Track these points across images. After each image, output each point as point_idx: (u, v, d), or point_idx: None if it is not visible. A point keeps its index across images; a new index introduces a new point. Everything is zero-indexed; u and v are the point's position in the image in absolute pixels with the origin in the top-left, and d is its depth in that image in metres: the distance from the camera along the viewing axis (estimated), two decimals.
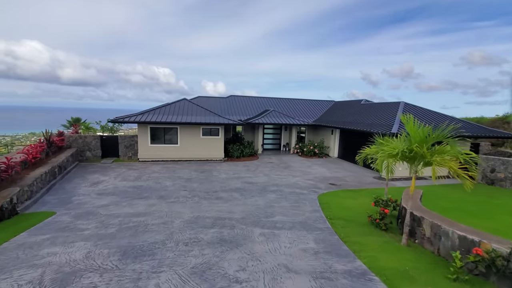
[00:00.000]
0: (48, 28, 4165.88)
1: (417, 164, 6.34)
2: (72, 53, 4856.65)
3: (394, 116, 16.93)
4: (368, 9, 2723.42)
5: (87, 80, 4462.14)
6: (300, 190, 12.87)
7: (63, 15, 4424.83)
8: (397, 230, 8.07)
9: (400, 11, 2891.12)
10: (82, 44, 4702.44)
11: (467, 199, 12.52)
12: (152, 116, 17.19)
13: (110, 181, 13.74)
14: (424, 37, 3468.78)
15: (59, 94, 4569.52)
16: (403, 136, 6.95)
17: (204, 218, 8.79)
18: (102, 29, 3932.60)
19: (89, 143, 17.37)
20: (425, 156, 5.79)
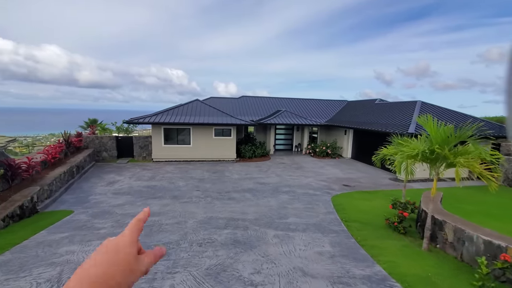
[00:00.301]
0: (66, 32, 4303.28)
1: (439, 166, 6.04)
2: (89, 57, 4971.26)
3: (411, 115, 16.39)
4: (380, 6, 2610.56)
5: (103, 83, 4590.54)
6: (313, 191, 12.64)
7: (80, 20, 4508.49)
8: (416, 234, 7.74)
9: (415, 7, 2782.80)
10: (98, 47, 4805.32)
11: (490, 202, 11.94)
12: (165, 117, 17.37)
13: (125, 181, 13.95)
14: (441, 34, 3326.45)
15: (77, 96, 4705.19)
16: (423, 136, 6.65)
17: (217, 218, 8.74)
18: (118, 33, 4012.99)
19: (105, 144, 17.74)
20: (447, 157, 5.50)
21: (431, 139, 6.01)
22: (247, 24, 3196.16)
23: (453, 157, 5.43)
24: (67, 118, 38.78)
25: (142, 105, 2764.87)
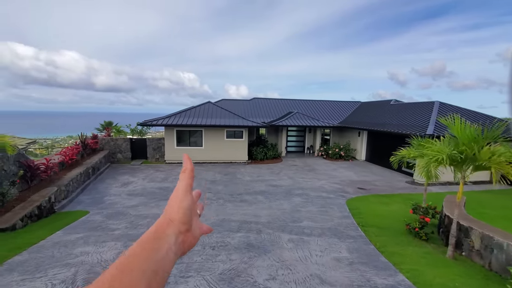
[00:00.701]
0: (84, 38, 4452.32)
1: (466, 169, 5.66)
2: (106, 61, 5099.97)
3: (429, 116, 15.77)
4: (395, 6, 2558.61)
5: (119, 86, 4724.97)
6: (326, 194, 12.30)
7: (98, 26, 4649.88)
8: (439, 240, 7.32)
9: (432, 6, 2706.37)
10: (114, 52, 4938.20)
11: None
12: (178, 119, 17.45)
13: (139, 182, 14.05)
14: (458, 33, 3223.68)
15: (94, 100, 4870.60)
16: (446, 137, 6.26)
17: (229, 221, 8.59)
18: (133, 38, 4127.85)
19: (120, 146, 18.00)
20: (478, 159, 5.12)
21: (458, 141, 5.64)
22: (259, 26, 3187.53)
23: (487, 158, 5.03)
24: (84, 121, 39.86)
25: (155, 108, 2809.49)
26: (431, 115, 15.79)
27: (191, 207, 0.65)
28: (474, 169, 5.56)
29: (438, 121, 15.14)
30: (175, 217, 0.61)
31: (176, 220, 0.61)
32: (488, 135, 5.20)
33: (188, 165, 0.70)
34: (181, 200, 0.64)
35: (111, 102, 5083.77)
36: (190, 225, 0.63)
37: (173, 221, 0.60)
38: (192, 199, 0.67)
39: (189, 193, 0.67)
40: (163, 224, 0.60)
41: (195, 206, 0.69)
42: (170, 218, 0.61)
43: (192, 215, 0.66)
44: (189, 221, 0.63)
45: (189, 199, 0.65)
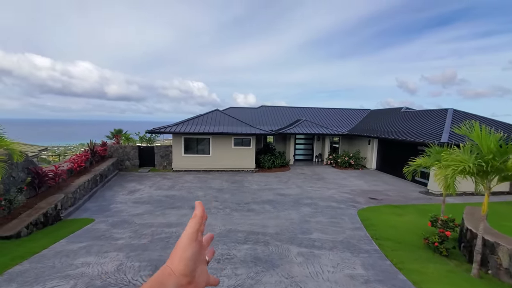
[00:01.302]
0: (97, 49, 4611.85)
1: (491, 179, 5.18)
2: (118, 71, 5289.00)
3: (442, 124, 15.16)
4: (404, 14, 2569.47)
5: (130, 95, 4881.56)
6: (336, 204, 11.80)
7: (110, 37, 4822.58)
8: (461, 256, 6.75)
9: (442, 13, 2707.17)
10: (126, 63, 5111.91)
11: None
12: (185, 127, 17.36)
13: (146, 190, 13.87)
14: (470, 40, 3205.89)
15: (105, 108, 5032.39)
16: (467, 145, 5.80)
17: (236, 231, 8.22)
18: (145, 48, 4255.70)
19: (128, 153, 17.98)
20: (506, 169, 4.66)
21: (481, 149, 5.19)
22: (265, 37, 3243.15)
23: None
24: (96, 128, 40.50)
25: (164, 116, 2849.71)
26: (445, 122, 15.18)
27: (195, 257, 0.61)
28: (501, 180, 5.08)
29: (453, 129, 14.57)
30: (177, 268, 0.59)
31: (177, 271, 0.58)
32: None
33: (199, 211, 0.67)
34: (184, 249, 0.61)
35: (122, 110, 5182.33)
36: (192, 276, 0.60)
37: (175, 272, 0.58)
38: (198, 248, 0.63)
39: (193, 242, 0.63)
40: (164, 274, 0.58)
41: (201, 255, 0.64)
42: (172, 269, 0.59)
43: (197, 265, 0.62)
44: (191, 273, 0.60)
45: (193, 248, 0.62)
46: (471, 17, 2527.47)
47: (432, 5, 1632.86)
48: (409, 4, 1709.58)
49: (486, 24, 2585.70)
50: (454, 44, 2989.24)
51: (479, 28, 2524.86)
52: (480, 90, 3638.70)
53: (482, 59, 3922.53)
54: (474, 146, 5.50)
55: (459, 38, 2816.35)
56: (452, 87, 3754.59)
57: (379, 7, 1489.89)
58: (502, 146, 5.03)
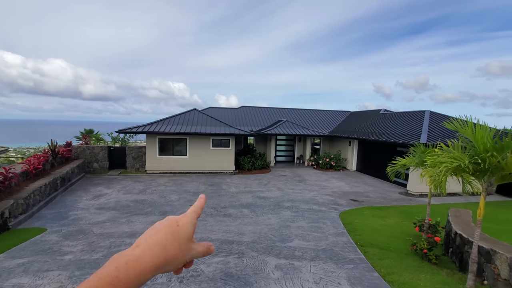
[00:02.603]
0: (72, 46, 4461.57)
1: (488, 180, 4.58)
2: (93, 70, 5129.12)
3: (420, 125, 15.01)
4: (382, 21, 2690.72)
5: (107, 95, 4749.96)
6: (318, 206, 11.08)
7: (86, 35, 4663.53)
8: (451, 262, 6.16)
9: (416, 22, 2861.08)
10: (102, 61, 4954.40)
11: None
12: (160, 127, 16.05)
13: (113, 194, 12.45)
14: (441, 48, 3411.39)
15: (80, 109, 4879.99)
16: (457, 143, 5.20)
17: (208, 240, 7.19)
18: (122, 47, 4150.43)
19: (97, 154, 16.34)
20: (509, 168, 4.05)
21: (475, 146, 4.58)
22: (247, 39, 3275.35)
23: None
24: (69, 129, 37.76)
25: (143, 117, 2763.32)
26: (423, 124, 15.05)
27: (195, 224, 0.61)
28: (499, 180, 4.49)
29: (431, 130, 14.41)
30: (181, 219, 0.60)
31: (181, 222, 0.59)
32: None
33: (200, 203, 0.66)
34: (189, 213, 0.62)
35: (98, 111, 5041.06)
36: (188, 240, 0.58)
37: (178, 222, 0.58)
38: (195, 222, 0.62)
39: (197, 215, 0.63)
40: None
41: None
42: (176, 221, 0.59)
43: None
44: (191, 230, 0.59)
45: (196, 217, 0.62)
46: (442, 27, 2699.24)
47: (407, 14, 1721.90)
48: (386, 13, 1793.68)
49: (457, 34, 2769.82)
50: (427, 52, 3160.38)
51: (450, 37, 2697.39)
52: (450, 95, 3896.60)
53: (452, 66, 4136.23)
54: (468, 143, 4.89)
55: (431, 46, 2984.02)
56: (425, 92, 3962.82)
57: (358, 15, 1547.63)
58: (497, 142, 4.45)
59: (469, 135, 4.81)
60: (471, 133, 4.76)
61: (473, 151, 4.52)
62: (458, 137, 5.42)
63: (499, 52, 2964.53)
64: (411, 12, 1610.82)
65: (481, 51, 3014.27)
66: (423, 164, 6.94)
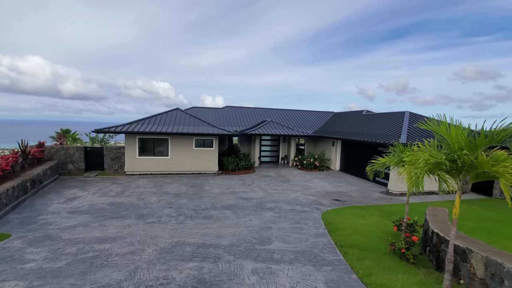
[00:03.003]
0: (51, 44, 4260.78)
1: (463, 178, 4.54)
2: (73, 68, 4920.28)
3: (400, 125, 15.26)
4: (365, 25, 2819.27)
5: (87, 94, 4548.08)
6: (300, 207, 10.94)
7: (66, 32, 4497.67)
8: (427, 261, 6.13)
9: (398, 27, 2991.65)
10: (83, 59, 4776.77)
11: (490, 218, 10.63)
12: (141, 126, 15.44)
13: (88, 197, 11.78)
14: (420, 53, 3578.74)
15: (58, 108, 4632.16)
16: (434, 141, 5.16)
17: (184, 245, 6.83)
18: (104, 45, 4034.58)
19: (72, 155, 15.48)
20: (482, 166, 4.00)
21: (450, 144, 4.53)
22: (234, 40, 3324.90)
23: (490, 167, 3.93)
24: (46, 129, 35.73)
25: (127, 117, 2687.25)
26: (403, 124, 15.31)
27: None
28: (474, 179, 4.45)
29: (411, 130, 14.66)
30: None
31: None
32: (492, 138, 4.12)
33: None
34: None
35: (78, 110, 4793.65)
36: None
37: None
38: None
39: None
40: None
41: None
42: None
43: None
44: None
45: None
46: (421, 32, 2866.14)
47: (388, 19, 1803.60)
48: (368, 17, 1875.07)
49: (434, 39, 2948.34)
50: (407, 56, 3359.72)
51: (428, 42, 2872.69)
52: (428, 98, 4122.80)
53: (431, 70, 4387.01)
54: (443, 141, 4.84)
55: (411, 51, 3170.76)
56: (405, 95, 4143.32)
57: (342, 18, 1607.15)
58: (471, 141, 4.41)
59: (444, 134, 4.77)
60: (446, 132, 4.72)
61: (448, 149, 4.46)
62: (435, 136, 5.41)
63: (474, 57, 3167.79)
64: (392, 17, 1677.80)
65: (457, 56, 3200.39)
66: (401, 163, 6.91)
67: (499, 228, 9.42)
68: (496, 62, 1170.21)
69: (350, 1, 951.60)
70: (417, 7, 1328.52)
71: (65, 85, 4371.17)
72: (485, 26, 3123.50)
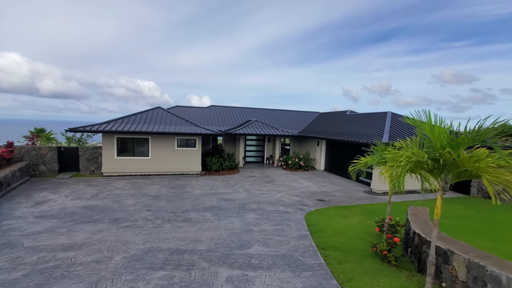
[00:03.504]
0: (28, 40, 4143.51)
1: (444, 177, 4.34)
2: (53, 65, 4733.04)
3: (383, 125, 15.31)
4: (350, 28, 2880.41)
5: (68, 93, 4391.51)
6: (284, 208, 10.64)
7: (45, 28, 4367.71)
8: (409, 262, 5.95)
9: (380, 31, 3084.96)
10: (64, 56, 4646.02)
11: (469, 216, 10.74)
12: (119, 125, 14.67)
13: (59, 200, 10.97)
14: (402, 56, 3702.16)
15: (37, 107, 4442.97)
16: (417, 139, 4.98)
17: (157, 251, 6.34)
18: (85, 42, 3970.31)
19: (44, 156, 14.49)
20: (464, 164, 3.80)
21: (433, 142, 4.33)
22: (221, 39, 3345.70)
23: (472, 165, 3.73)
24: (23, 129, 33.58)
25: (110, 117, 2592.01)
26: (385, 124, 15.37)
27: None
28: (455, 178, 4.26)
29: (393, 130, 14.74)
30: None
31: None
32: (476, 136, 3.93)
33: None
34: None
35: (58, 109, 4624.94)
36: None
37: None
38: None
39: None
40: None
41: None
42: None
43: None
44: None
45: None
46: (402, 36, 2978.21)
47: (371, 23, 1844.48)
48: (354, 20, 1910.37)
49: (415, 43, 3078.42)
50: (390, 59, 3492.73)
51: (409, 46, 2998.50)
52: (410, 100, 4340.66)
53: (412, 73, 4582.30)
54: (425, 139, 4.64)
55: (393, 54, 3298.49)
56: (388, 97, 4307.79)
57: (328, 21, 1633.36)
58: (454, 139, 4.22)
59: (427, 131, 4.57)
60: (429, 130, 4.53)
61: (431, 147, 4.25)
62: (416, 134, 5.23)
63: (451, 61, 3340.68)
64: (375, 21, 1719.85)
65: (436, 60, 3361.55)
66: (383, 163, 6.73)
67: (478, 226, 9.50)
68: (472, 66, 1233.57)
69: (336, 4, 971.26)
70: (398, 12, 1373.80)
71: (44, 83, 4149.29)
72: (462, 32, 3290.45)
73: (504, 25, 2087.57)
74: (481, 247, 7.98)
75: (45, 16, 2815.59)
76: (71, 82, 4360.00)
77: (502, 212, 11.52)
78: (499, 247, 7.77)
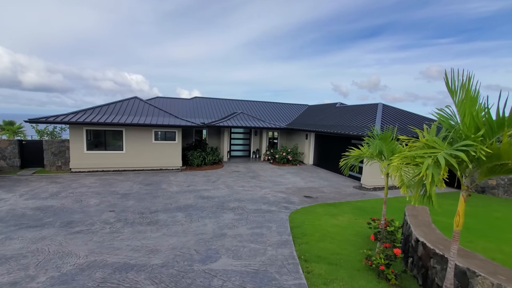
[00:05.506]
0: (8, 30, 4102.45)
1: (473, 172, 3.03)
2: (36, 57, 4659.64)
3: (374, 117, 14.08)
4: (340, 24, 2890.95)
5: (52, 86, 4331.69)
6: (267, 206, 9.30)
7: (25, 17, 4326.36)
8: (410, 277, 4.69)
9: (369, 27, 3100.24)
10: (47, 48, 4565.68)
11: (465, 212, 9.64)
12: (88, 116, 12.94)
13: (11, 200, 9.31)
14: (390, 52, 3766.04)
15: (19, 100, 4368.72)
16: (434, 124, 3.60)
17: (98, 267, 4.88)
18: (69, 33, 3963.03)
19: (3, 150, 12.66)
20: (510, 156, 2.48)
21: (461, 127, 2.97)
22: (211, 32, 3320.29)
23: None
24: None
25: None
26: (376, 115, 14.15)
27: None
28: (486, 174, 2.95)
29: (384, 122, 13.52)
30: None
31: None
32: None
33: None
34: None
35: (41, 103, 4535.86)
36: None
37: None
38: None
39: None
40: None
41: None
42: None
43: None
44: None
45: None
46: (390, 33, 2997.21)
47: (360, 19, 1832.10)
48: (343, 16, 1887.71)
49: (402, 39, 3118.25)
50: (378, 55, 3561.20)
51: (397, 42, 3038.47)
52: (397, 95, 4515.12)
53: (399, 69, 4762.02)
54: (446, 123, 3.27)
55: (382, 50, 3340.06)
56: (377, 92, 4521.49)
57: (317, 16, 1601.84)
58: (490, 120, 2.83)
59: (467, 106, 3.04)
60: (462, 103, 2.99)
61: (454, 133, 2.90)
62: (411, 129, 3.91)
63: (437, 57, 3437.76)
64: (363, 17, 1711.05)
65: (423, 56, 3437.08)
66: (379, 156, 5.41)
67: (475, 224, 8.43)
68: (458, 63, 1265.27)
69: None
70: (386, 8, 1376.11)
71: (27, 76, 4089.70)
72: (448, 29, 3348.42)
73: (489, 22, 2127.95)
74: (483, 249, 6.89)
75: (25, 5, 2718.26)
76: (55, 75, 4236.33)
77: (497, 208, 10.52)
78: (500, 248, 6.73)
